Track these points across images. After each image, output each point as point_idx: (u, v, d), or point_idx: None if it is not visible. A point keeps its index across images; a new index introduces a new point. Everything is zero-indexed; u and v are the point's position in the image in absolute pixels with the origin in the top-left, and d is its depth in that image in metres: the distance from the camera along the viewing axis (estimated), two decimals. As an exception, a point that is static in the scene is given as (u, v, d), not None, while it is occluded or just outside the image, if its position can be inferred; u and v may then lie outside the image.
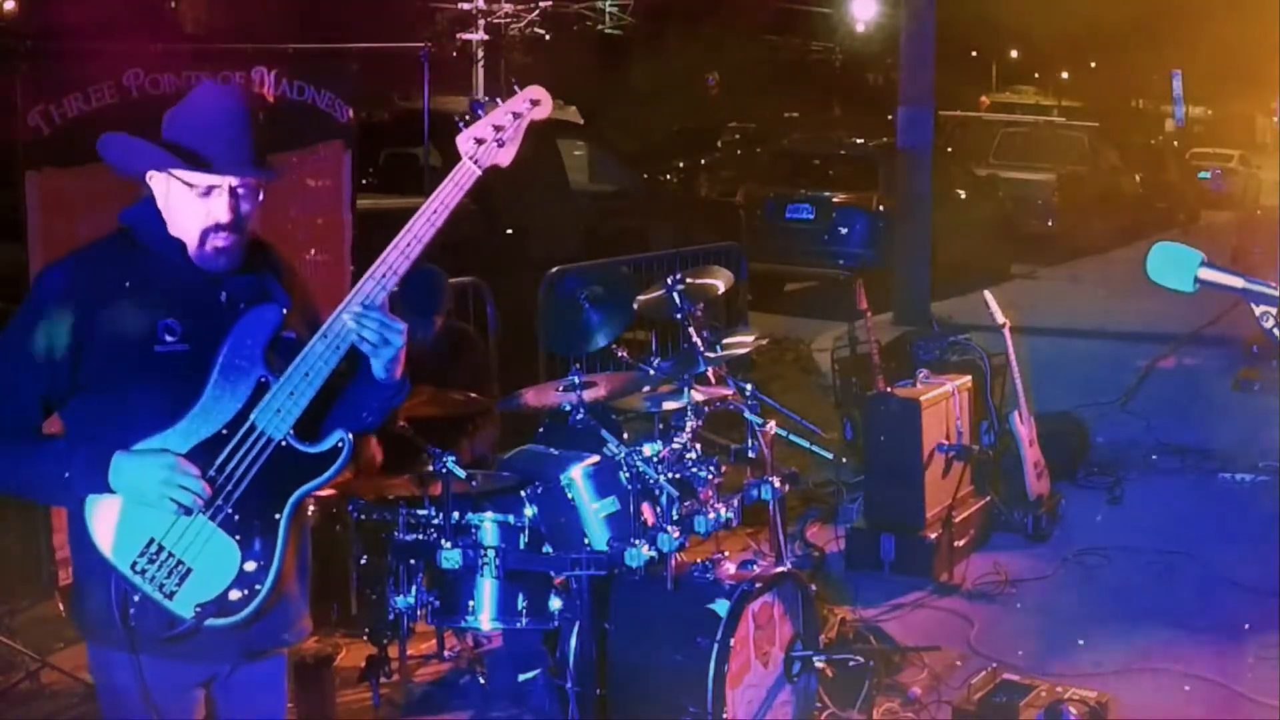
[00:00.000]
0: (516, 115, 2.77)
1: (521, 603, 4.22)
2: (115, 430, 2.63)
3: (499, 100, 2.78)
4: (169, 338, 2.66)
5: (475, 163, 2.73)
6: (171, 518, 2.63)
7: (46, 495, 2.85)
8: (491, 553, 4.16)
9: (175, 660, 2.71)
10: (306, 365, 2.67)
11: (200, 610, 2.64)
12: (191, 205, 2.70)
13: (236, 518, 2.66)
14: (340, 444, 2.73)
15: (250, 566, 2.66)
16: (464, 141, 2.73)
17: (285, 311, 2.75)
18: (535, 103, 2.79)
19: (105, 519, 2.62)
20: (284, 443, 2.67)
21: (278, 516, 2.69)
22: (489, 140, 2.73)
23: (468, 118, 2.74)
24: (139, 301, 2.66)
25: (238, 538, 2.66)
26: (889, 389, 6.59)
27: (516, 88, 2.81)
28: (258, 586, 2.67)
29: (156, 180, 2.73)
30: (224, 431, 2.65)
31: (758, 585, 4.24)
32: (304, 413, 2.68)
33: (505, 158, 2.76)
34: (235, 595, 2.66)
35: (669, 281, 5.01)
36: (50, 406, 2.70)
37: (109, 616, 2.65)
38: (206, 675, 2.84)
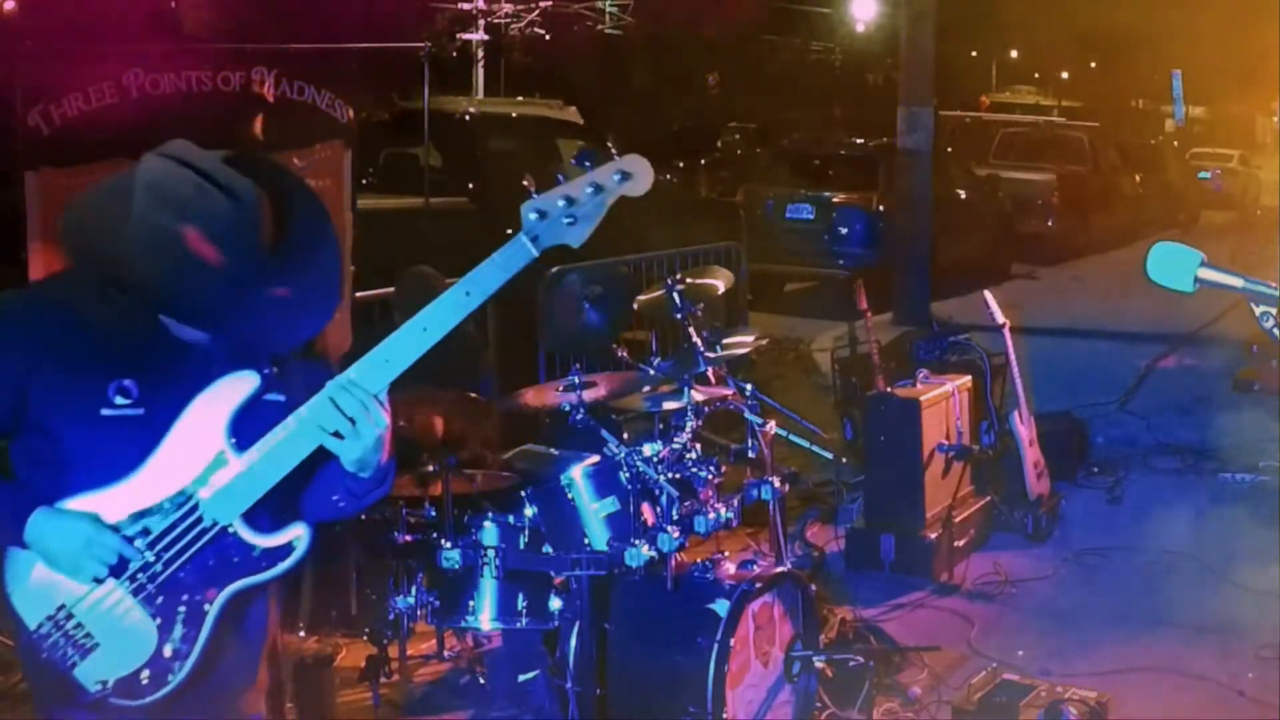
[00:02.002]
0: (599, 189, 2.26)
1: (521, 603, 4.22)
2: (52, 482, 2.36)
3: (588, 165, 2.27)
4: (121, 400, 2.34)
5: (532, 243, 2.25)
6: (89, 587, 2.36)
7: None
8: (491, 553, 4.16)
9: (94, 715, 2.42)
10: (276, 449, 2.32)
11: (102, 687, 2.37)
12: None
13: (159, 599, 2.36)
14: (295, 542, 2.41)
15: (168, 652, 2.37)
16: (526, 210, 2.26)
17: (269, 373, 2.42)
18: (627, 176, 2.26)
19: (19, 572, 2.37)
20: (231, 529, 2.36)
21: (207, 608, 2.38)
22: (556, 216, 2.24)
23: (547, 184, 2.26)
24: (93, 355, 2.35)
25: (158, 621, 2.37)
26: (889, 389, 6.59)
27: (615, 154, 2.24)
28: (170, 676, 2.38)
29: None
30: (166, 504, 2.34)
31: (758, 585, 4.24)
32: (264, 494, 2.37)
33: (575, 238, 2.27)
34: (145, 679, 2.38)
35: (669, 281, 5.01)
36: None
37: (33, 672, 2.46)
38: None
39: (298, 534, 2.43)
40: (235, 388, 2.39)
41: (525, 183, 2.29)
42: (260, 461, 2.34)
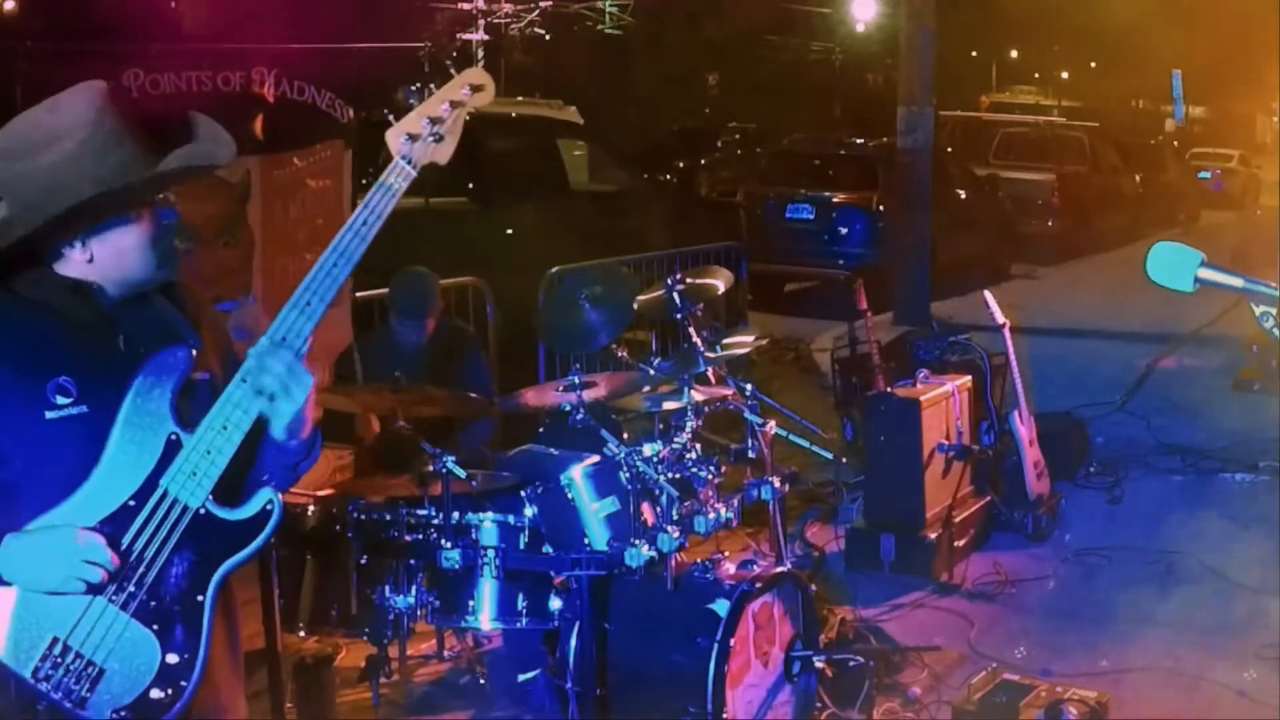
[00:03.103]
0: (455, 104, 2.36)
1: (521, 603, 4.22)
2: (5, 511, 2.24)
3: (434, 88, 2.49)
4: (62, 400, 2.25)
5: (409, 162, 2.34)
6: (77, 612, 2.24)
7: None
8: (491, 553, 4.16)
9: None
10: (224, 416, 2.28)
11: (117, 717, 2.26)
12: (131, 231, 2.34)
13: (152, 604, 2.27)
14: (269, 505, 2.34)
15: (173, 659, 2.29)
16: (394, 137, 2.32)
17: (195, 351, 2.36)
18: (477, 88, 2.37)
19: None
20: (203, 510, 2.29)
21: (200, 598, 2.31)
22: (424, 135, 2.33)
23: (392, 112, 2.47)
24: (24, 362, 2.25)
25: (155, 627, 2.28)
26: (889, 389, 6.59)
27: (453, 71, 2.52)
28: (183, 683, 2.30)
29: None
30: (131, 502, 2.26)
31: (758, 585, 4.24)
32: (223, 472, 2.30)
33: (443, 155, 2.36)
34: (157, 695, 2.28)
35: (669, 281, 5.01)
36: None
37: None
38: None
39: (268, 500, 2.36)
40: (170, 363, 2.33)
41: (385, 111, 2.27)
42: (211, 435, 2.28)
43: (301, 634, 4.46)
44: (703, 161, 24.31)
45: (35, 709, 2.25)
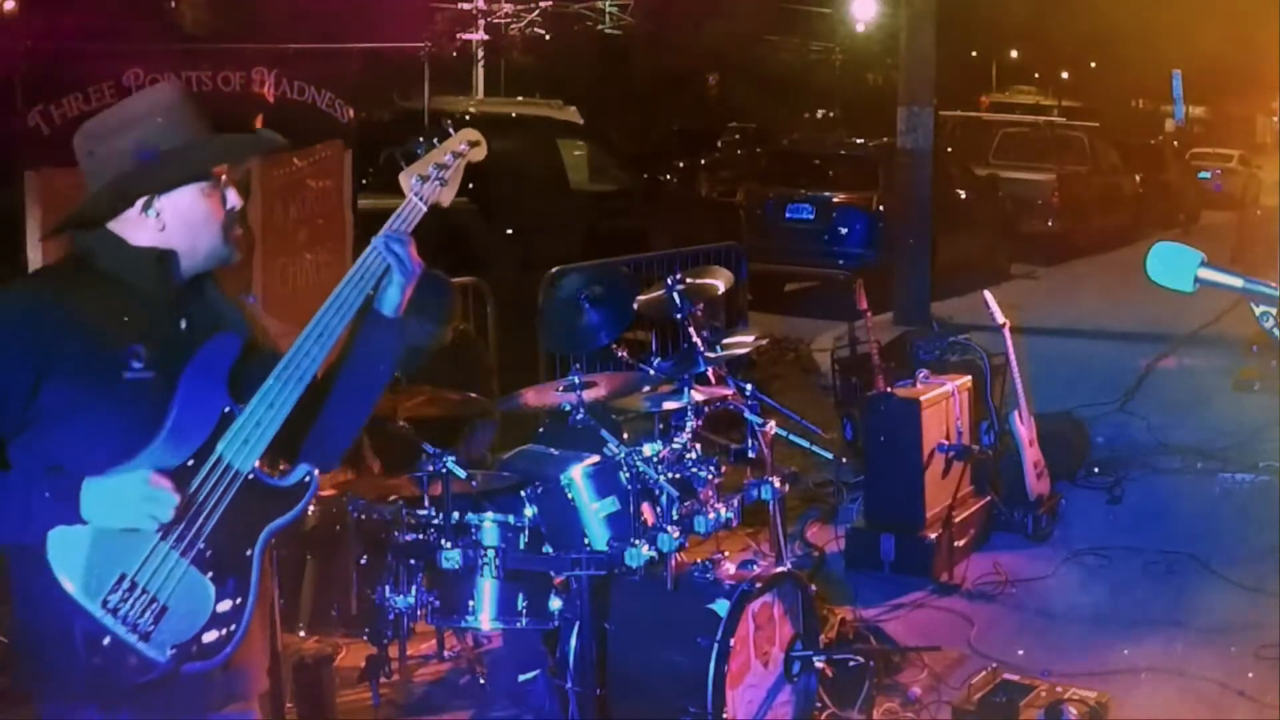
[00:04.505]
0: (457, 155, 2.83)
1: (521, 603, 4.22)
2: (80, 461, 2.47)
3: (436, 141, 2.85)
4: (136, 364, 2.52)
5: (421, 200, 2.77)
6: (143, 553, 2.47)
7: (2, 533, 2.50)
8: (491, 553, 4.16)
9: (144, 713, 2.52)
10: (271, 395, 2.57)
11: (175, 652, 2.47)
12: (202, 204, 2.60)
13: (209, 554, 2.51)
14: (308, 478, 2.64)
15: (224, 606, 2.53)
16: (406, 179, 2.76)
17: (242, 339, 2.64)
18: (474, 144, 2.85)
19: (71, 555, 2.44)
20: (251, 475, 2.56)
21: (249, 553, 2.57)
22: (432, 179, 2.78)
23: (404, 157, 2.80)
24: (105, 328, 2.52)
25: (210, 575, 2.52)
26: (889, 389, 6.59)
27: (451, 130, 2.90)
28: (233, 627, 2.54)
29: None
30: (190, 463, 2.51)
31: (758, 585, 4.24)
32: (269, 445, 2.58)
33: (447, 197, 2.81)
34: (210, 637, 2.52)
35: (669, 281, 5.01)
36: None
37: (73, 666, 2.45)
38: None
39: (309, 471, 2.64)
40: (224, 347, 2.59)
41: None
42: (261, 410, 2.56)
43: (301, 634, 4.46)
44: (703, 161, 24.31)
45: (100, 645, 2.44)
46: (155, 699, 2.51)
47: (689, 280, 5.07)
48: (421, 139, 2.86)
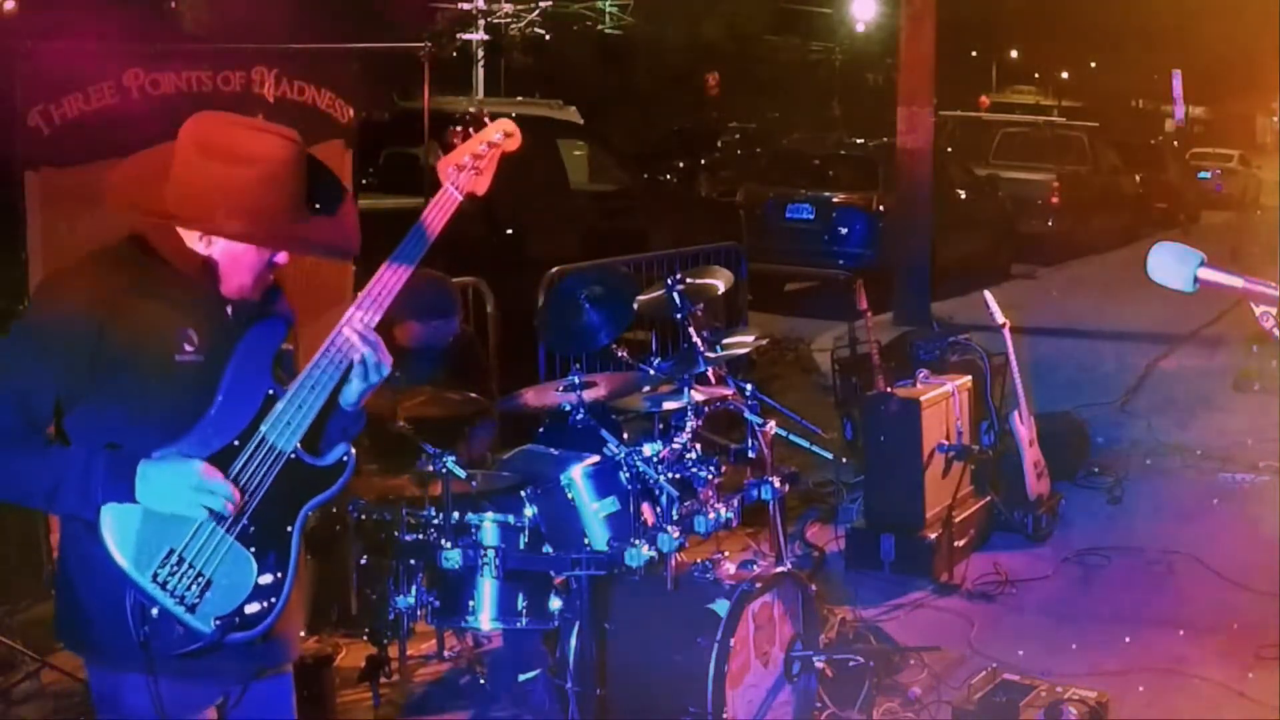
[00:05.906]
0: (491, 145, 2.89)
1: (521, 603, 4.22)
2: (132, 439, 2.59)
3: (472, 130, 2.91)
4: (188, 347, 2.64)
5: (456, 189, 2.83)
6: (190, 529, 2.59)
7: (61, 504, 2.61)
8: (491, 553, 4.16)
9: (189, 681, 2.68)
10: (313, 379, 2.70)
11: (220, 623, 2.61)
12: (252, 252, 2.70)
13: (252, 529, 2.65)
14: (345, 458, 2.78)
15: (265, 580, 2.66)
16: (444, 167, 2.84)
17: (290, 320, 2.80)
18: (508, 135, 2.90)
19: (123, 530, 2.56)
20: (293, 456, 2.69)
21: (289, 529, 2.71)
22: (468, 168, 2.85)
23: (438, 152, 2.86)
24: (158, 310, 2.64)
25: (253, 550, 2.66)
26: (889, 389, 6.59)
27: (487, 119, 2.96)
28: (273, 600, 2.68)
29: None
30: (235, 443, 2.64)
31: (758, 585, 4.24)
32: (310, 428, 2.71)
33: (481, 186, 2.87)
34: (252, 609, 2.65)
35: (669, 281, 5.01)
36: (57, 414, 2.63)
37: (122, 634, 2.58)
38: (219, 696, 2.81)
39: (346, 452, 2.78)
40: (270, 333, 2.75)
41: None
42: (304, 394, 2.68)
43: (301, 634, 4.46)
44: (703, 161, 24.32)
45: (149, 615, 2.57)
46: (199, 666, 2.65)
47: (689, 280, 5.07)
48: (459, 128, 2.93)
